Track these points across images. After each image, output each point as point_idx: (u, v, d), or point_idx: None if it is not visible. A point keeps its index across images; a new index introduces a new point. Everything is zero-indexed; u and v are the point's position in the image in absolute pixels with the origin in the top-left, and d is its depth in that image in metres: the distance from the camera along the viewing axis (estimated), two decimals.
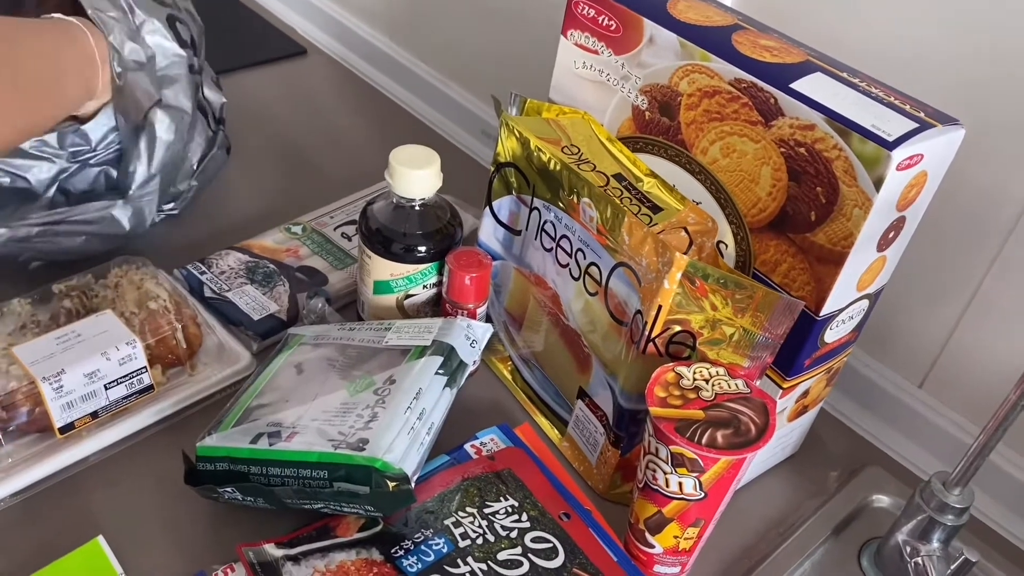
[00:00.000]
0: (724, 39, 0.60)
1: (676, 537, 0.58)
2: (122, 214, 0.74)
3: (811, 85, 0.56)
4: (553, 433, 0.71)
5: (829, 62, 0.58)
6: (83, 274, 0.72)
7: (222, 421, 0.62)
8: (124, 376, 0.64)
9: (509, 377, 0.76)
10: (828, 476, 0.72)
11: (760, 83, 0.57)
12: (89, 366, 0.62)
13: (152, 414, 0.66)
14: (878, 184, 0.52)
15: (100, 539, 0.59)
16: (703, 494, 0.55)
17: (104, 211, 0.73)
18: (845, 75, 0.57)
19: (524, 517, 0.61)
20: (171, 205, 0.83)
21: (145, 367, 0.65)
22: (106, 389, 0.63)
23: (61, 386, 0.61)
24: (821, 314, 0.58)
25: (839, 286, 0.56)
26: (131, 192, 0.74)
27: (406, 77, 1.14)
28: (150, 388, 0.66)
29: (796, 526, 0.67)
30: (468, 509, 0.61)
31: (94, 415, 0.64)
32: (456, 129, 1.09)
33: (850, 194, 0.54)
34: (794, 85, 0.56)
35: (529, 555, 0.58)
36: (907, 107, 0.54)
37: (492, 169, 0.71)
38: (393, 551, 0.57)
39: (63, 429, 0.63)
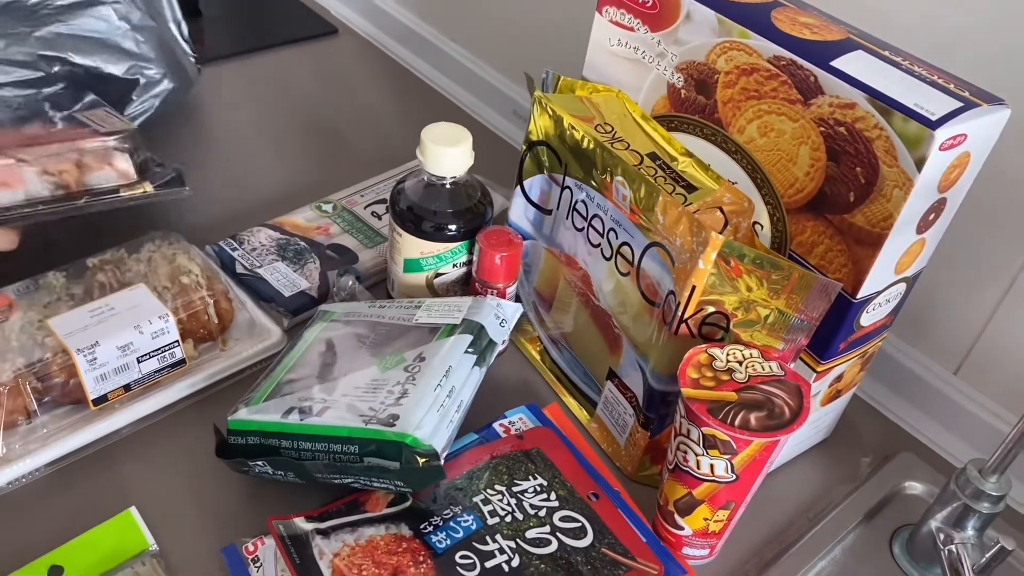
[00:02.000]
0: (763, 16, 0.59)
1: (706, 519, 0.58)
2: None
3: (852, 63, 0.55)
4: (582, 414, 0.71)
5: (871, 40, 0.57)
6: (116, 248, 0.72)
7: (254, 395, 0.63)
8: (157, 349, 0.64)
9: (538, 357, 0.75)
10: (860, 462, 0.71)
11: (800, 60, 0.56)
12: (122, 339, 0.63)
13: (184, 388, 0.67)
14: (920, 164, 0.51)
15: (132, 510, 0.59)
16: (734, 476, 0.54)
17: None
18: (887, 54, 0.56)
19: (553, 496, 0.60)
20: None
21: (177, 341, 0.65)
22: (139, 362, 0.64)
23: (95, 358, 0.61)
24: (858, 297, 0.57)
25: (877, 268, 0.56)
26: None
27: (437, 57, 1.14)
28: (182, 362, 0.67)
29: (827, 511, 0.66)
30: (497, 487, 0.60)
31: (127, 388, 0.64)
32: (487, 110, 1.09)
33: (890, 174, 0.53)
34: (835, 63, 0.55)
35: (558, 534, 0.58)
36: (951, 86, 0.53)
37: (524, 148, 0.70)
38: (422, 527, 0.57)
39: (96, 401, 0.63)
